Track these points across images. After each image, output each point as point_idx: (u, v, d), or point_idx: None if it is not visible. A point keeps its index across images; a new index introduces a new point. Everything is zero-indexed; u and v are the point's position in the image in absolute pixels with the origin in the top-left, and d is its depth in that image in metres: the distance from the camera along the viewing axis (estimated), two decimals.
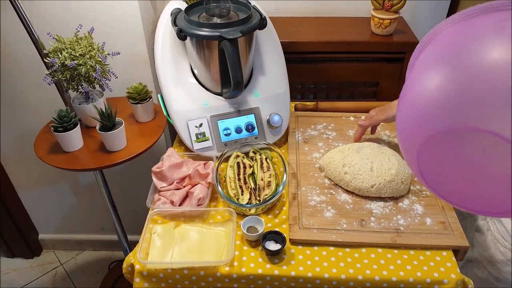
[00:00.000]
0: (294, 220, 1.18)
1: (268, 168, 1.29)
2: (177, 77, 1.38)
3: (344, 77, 1.78)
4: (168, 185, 1.27)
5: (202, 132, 1.38)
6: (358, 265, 1.08)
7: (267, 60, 1.45)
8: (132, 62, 1.61)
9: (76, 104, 1.41)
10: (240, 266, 1.08)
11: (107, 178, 1.64)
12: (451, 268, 1.07)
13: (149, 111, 1.50)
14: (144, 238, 1.14)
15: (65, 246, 2.42)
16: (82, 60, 1.28)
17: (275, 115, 1.41)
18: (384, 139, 1.48)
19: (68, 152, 1.38)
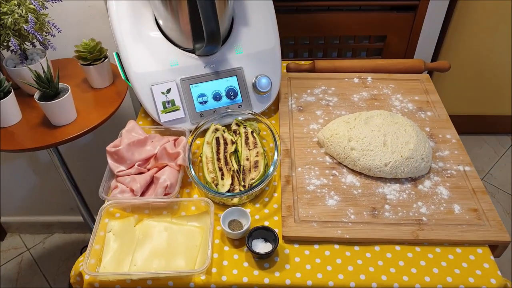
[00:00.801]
0: (289, 210, 1.04)
1: (255, 145, 1.16)
2: (137, 30, 1.21)
3: (345, 30, 1.67)
4: (128, 168, 1.11)
5: (170, 100, 1.21)
6: (371, 269, 0.94)
7: (252, 7, 1.29)
8: (85, 15, 1.43)
9: (10, 67, 1.23)
10: (220, 273, 0.94)
11: (66, 155, 1.50)
12: (489, 270, 0.93)
13: (105, 75, 1.33)
14: (96, 237, 0.99)
15: (32, 229, 2.31)
16: (7, 8, 1.06)
17: (263, 77, 1.26)
18: (395, 104, 1.33)
19: (2, 127, 1.21)
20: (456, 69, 2.27)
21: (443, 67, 1.44)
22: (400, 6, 1.59)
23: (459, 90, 2.40)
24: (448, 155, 1.15)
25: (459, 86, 2.37)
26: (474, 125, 2.62)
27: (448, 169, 1.13)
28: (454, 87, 2.38)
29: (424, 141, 1.12)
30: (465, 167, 1.12)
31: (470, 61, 2.23)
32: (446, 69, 1.44)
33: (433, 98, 1.34)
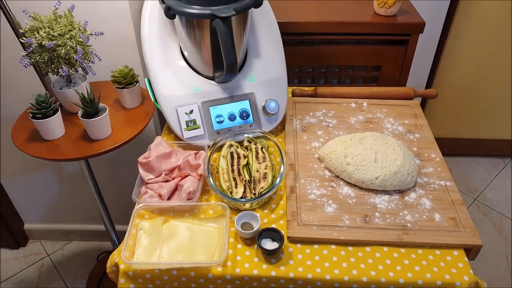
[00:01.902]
0: (293, 215, 1.12)
1: (264, 159, 1.23)
2: (166, 59, 1.31)
3: (344, 60, 1.72)
4: (156, 177, 1.20)
5: (192, 119, 1.30)
6: (362, 266, 1.03)
7: (263, 41, 1.38)
8: (118, 43, 1.52)
9: (56, 89, 1.33)
10: (234, 266, 1.02)
11: (93, 166, 1.58)
12: (463, 269, 1.02)
13: (135, 97, 1.42)
14: (130, 235, 1.07)
15: (52, 236, 2.36)
16: (62, 41, 1.18)
17: (272, 101, 1.35)
18: (387, 127, 1.41)
19: (48, 140, 1.30)
20: (450, 94, 2.34)
21: (431, 95, 1.53)
22: (393, 40, 1.64)
23: (453, 114, 2.41)
24: (432, 172, 1.23)
25: (454, 110, 2.40)
26: (468, 148, 2.62)
27: (432, 183, 1.20)
28: (448, 111, 2.41)
29: (410, 158, 1.20)
30: (446, 182, 1.20)
31: (463, 86, 2.26)
32: (433, 97, 1.52)
33: (421, 122, 1.41)
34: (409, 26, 1.61)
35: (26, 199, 2.17)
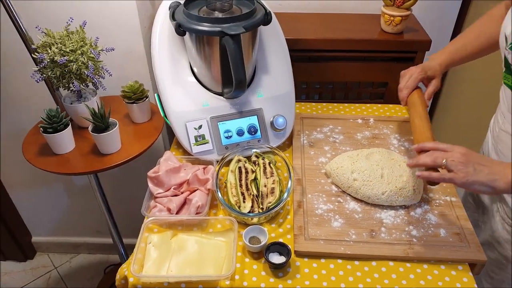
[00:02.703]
0: (300, 230, 1.12)
1: (272, 174, 1.24)
2: (175, 75, 1.32)
3: (351, 77, 1.74)
4: (165, 191, 1.21)
5: (201, 134, 1.31)
6: (368, 280, 1.03)
7: (271, 58, 1.40)
8: (128, 59, 1.55)
9: (67, 103, 1.35)
10: (242, 279, 1.03)
11: (102, 180, 1.59)
12: (467, 284, 1.02)
13: (145, 112, 1.44)
14: (139, 248, 1.08)
15: (60, 249, 2.37)
16: (73, 56, 1.21)
17: (279, 117, 1.36)
18: (394, 143, 1.42)
19: (59, 154, 1.32)
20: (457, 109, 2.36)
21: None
22: (400, 57, 1.66)
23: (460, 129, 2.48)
24: (437, 187, 1.23)
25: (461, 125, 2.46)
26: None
27: (437, 199, 1.20)
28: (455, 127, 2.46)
29: (415, 175, 1.20)
30: (451, 197, 1.20)
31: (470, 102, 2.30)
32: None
33: None
34: (416, 44, 1.62)
35: (34, 212, 2.18)
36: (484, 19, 1.26)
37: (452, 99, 2.33)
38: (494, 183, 0.94)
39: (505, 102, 1.10)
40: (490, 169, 0.95)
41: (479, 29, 1.26)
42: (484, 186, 0.95)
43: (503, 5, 1.22)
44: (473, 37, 1.26)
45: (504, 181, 0.93)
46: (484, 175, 0.94)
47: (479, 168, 0.95)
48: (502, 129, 1.14)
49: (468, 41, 1.27)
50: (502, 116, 1.13)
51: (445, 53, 1.30)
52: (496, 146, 1.18)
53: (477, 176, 0.94)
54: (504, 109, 1.11)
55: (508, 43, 0.99)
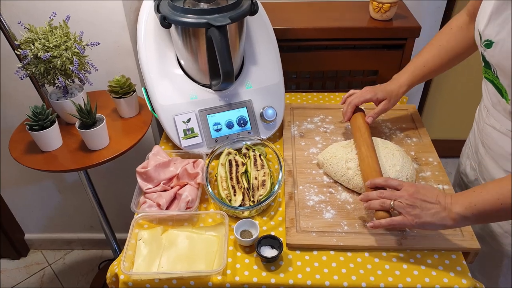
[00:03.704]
0: (291, 222, 1.12)
1: (262, 166, 1.23)
2: (162, 68, 1.31)
3: (341, 65, 1.73)
4: (154, 186, 1.20)
5: (190, 127, 1.30)
6: (361, 271, 1.03)
7: (259, 48, 1.39)
8: (114, 53, 1.52)
9: (53, 100, 1.33)
10: (234, 274, 1.03)
11: (92, 175, 1.58)
12: (461, 272, 1.02)
13: (133, 106, 1.42)
14: (129, 245, 1.08)
15: (53, 245, 2.36)
16: (57, 52, 1.19)
17: (269, 108, 1.35)
18: (385, 131, 1.42)
19: (46, 151, 1.31)
20: (448, 96, 2.36)
21: None
22: (390, 45, 1.66)
23: (454, 115, 2.46)
24: (430, 176, 1.24)
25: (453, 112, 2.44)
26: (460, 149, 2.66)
27: None
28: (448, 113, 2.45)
29: (409, 163, 1.20)
30: (444, 185, 1.20)
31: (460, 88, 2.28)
32: None
33: (418, 125, 1.41)
34: (405, 30, 1.62)
35: (26, 209, 2.16)
36: (443, 32, 1.25)
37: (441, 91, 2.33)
38: (442, 222, 0.95)
39: (488, 96, 1.09)
40: (437, 207, 0.95)
41: (438, 44, 1.24)
42: (434, 225, 0.96)
43: (464, 13, 1.21)
44: (433, 54, 1.25)
45: (451, 217, 0.94)
46: (431, 216, 0.95)
47: (426, 207, 0.96)
48: (487, 123, 1.13)
49: (427, 58, 1.26)
50: (486, 109, 1.12)
51: (406, 73, 1.29)
52: (482, 140, 1.17)
53: (425, 218, 0.95)
54: (487, 103, 1.10)
55: (482, 40, 0.98)
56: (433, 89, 2.33)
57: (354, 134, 1.27)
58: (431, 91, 2.34)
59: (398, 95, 1.29)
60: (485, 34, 0.97)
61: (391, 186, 1.02)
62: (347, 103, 1.32)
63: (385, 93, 1.29)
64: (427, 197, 0.96)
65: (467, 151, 1.32)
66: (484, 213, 0.91)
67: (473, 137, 1.26)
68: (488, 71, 1.02)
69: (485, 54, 0.98)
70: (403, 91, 1.29)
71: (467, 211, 0.92)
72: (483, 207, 0.90)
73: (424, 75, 1.27)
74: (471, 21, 1.17)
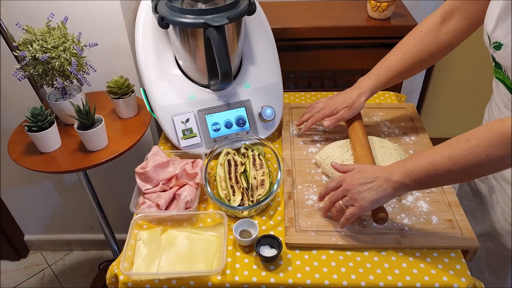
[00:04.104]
0: (290, 221, 1.12)
1: (261, 166, 1.23)
2: (160, 69, 1.31)
3: (339, 64, 1.73)
4: (153, 186, 1.20)
5: (189, 128, 1.30)
6: (360, 270, 1.03)
7: (258, 48, 1.39)
8: (112, 54, 1.52)
9: (52, 101, 1.33)
10: (233, 274, 1.02)
11: (91, 176, 1.58)
12: (461, 270, 1.02)
13: (131, 107, 1.42)
14: (128, 245, 1.08)
15: (53, 246, 2.35)
16: (55, 53, 1.18)
17: (268, 108, 1.35)
18: (384, 130, 1.42)
19: (45, 153, 1.31)
20: (447, 95, 2.36)
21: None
22: (388, 43, 1.64)
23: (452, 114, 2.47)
24: None
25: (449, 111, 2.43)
26: None
27: None
28: (445, 113, 2.45)
29: None
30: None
31: (459, 86, 2.29)
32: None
33: (417, 124, 1.41)
34: (403, 29, 1.60)
35: (25, 211, 2.16)
36: (412, 34, 1.23)
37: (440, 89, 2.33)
38: (385, 193, 0.97)
39: (499, 95, 1.08)
40: (376, 182, 0.98)
41: (405, 48, 1.22)
42: (381, 198, 0.98)
43: (437, 14, 1.18)
44: (398, 58, 1.23)
45: (392, 186, 0.96)
46: (374, 192, 0.98)
47: (367, 188, 0.99)
48: None
49: (392, 63, 1.25)
50: (497, 108, 1.12)
51: (370, 77, 1.28)
52: None
53: (371, 197, 0.98)
54: (499, 102, 1.09)
55: (491, 42, 0.98)
56: (432, 88, 2.33)
57: (350, 135, 1.28)
58: (429, 90, 2.34)
59: (359, 102, 1.29)
60: (494, 36, 0.96)
61: (332, 189, 1.05)
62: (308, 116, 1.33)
63: (345, 102, 1.29)
64: (365, 178, 1.00)
65: None
66: (421, 179, 0.94)
67: None
68: (499, 71, 1.02)
69: (495, 55, 0.98)
70: (364, 99, 1.28)
71: (405, 178, 0.95)
72: (419, 173, 0.94)
73: (388, 80, 1.26)
74: (443, 23, 1.16)
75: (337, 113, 1.30)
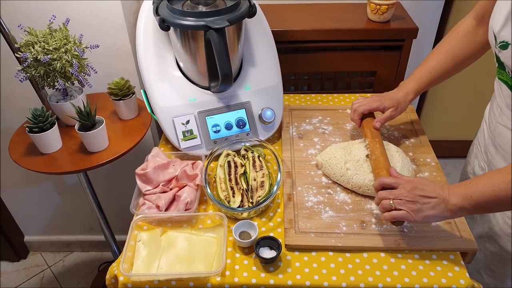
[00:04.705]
0: (290, 223, 1.12)
1: (261, 167, 1.23)
2: (161, 70, 1.31)
3: (339, 67, 1.73)
4: (153, 188, 1.20)
5: (189, 129, 1.30)
6: (359, 272, 1.03)
7: (258, 50, 1.39)
8: (113, 56, 1.53)
9: (53, 102, 1.33)
10: (233, 275, 1.03)
11: (92, 177, 1.58)
12: (459, 272, 1.02)
13: (132, 108, 1.43)
14: (128, 246, 1.08)
15: (53, 247, 2.35)
16: (57, 55, 1.19)
17: (268, 110, 1.35)
18: (383, 132, 1.42)
19: (46, 153, 1.31)
20: (446, 98, 2.37)
21: None
22: (387, 46, 1.66)
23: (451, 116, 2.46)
24: (428, 176, 1.24)
25: (448, 114, 2.44)
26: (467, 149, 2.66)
27: None
28: (444, 115, 2.45)
29: (408, 165, 1.21)
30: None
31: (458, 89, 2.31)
32: None
33: (416, 127, 1.42)
34: (403, 32, 1.62)
35: (25, 212, 2.16)
36: (449, 37, 1.25)
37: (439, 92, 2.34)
38: (442, 214, 0.97)
39: (502, 96, 1.09)
40: (435, 200, 0.97)
41: (445, 50, 1.24)
42: (436, 218, 0.98)
43: (470, 16, 1.20)
44: (439, 59, 1.25)
45: (448, 209, 0.96)
46: (431, 208, 0.97)
47: (426, 202, 0.98)
48: (500, 122, 1.12)
49: (433, 65, 1.26)
50: (499, 109, 1.12)
51: (412, 80, 1.29)
52: (494, 139, 1.16)
53: (426, 212, 0.98)
54: (501, 103, 1.10)
55: (497, 42, 0.99)
56: (431, 90, 2.33)
57: (366, 136, 1.27)
58: (429, 92, 2.34)
59: (405, 102, 1.29)
60: (500, 36, 0.97)
61: (386, 185, 1.04)
62: (353, 110, 1.32)
63: (393, 101, 1.29)
64: (426, 192, 0.99)
65: (475, 151, 1.31)
66: (480, 204, 0.94)
67: (482, 137, 1.26)
68: (502, 72, 1.02)
69: (500, 55, 0.98)
70: (410, 99, 1.29)
71: (464, 202, 0.94)
72: (479, 198, 0.93)
73: (430, 82, 1.27)
74: (478, 24, 1.17)
75: (383, 110, 1.30)
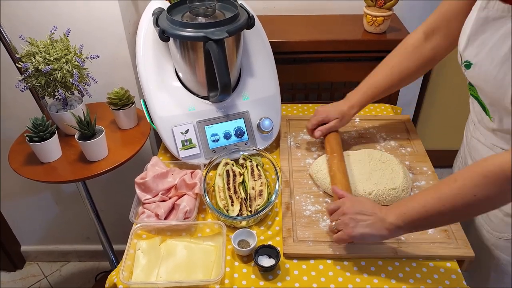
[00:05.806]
0: (288, 232, 1.12)
1: (260, 176, 1.24)
2: (161, 80, 1.32)
3: (336, 77, 1.74)
4: (153, 197, 1.21)
5: (188, 138, 1.31)
6: (357, 280, 1.03)
7: (256, 61, 1.40)
8: (113, 66, 1.54)
9: (53, 112, 1.35)
10: (232, 283, 1.03)
11: (91, 187, 1.59)
12: (456, 280, 1.03)
13: (131, 118, 1.44)
14: (128, 255, 1.08)
15: (49, 257, 2.34)
16: (58, 65, 1.20)
17: (266, 119, 1.37)
18: (380, 142, 1.43)
19: (46, 163, 1.31)
20: (442, 107, 2.38)
21: None
22: (384, 57, 1.54)
23: (445, 126, 2.46)
24: (424, 185, 1.24)
25: (445, 123, 2.45)
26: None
27: None
28: (440, 124, 2.46)
29: (407, 176, 1.22)
30: None
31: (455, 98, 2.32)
32: None
33: (412, 136, 1.43)
34: (398, 43, 1.61)
35: (22, 221, 2.15)
36: (397, 51, 1.26)
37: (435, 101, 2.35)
38: (379, 232, 0.98)
39: (474, 111, 1.11)
40: (372, 218, 0.98)
41: (391, 65, 1.26)
42: (371, 236, 0.99)
43: (420, 31, 1.21)
44: (385, 74, 1.27)
45: (385, 227, 0.97)
46: (367, 226, 0.98)
47: (362, 219, 0.99)
48: (474, 136, 1.14)
49: (378, 79, 1.28)
50: (473, 123, 1.14)
51: (358, 93, 1.32)
52: (470, 152, 1.18)
53: (361, 229, 0.98)
54: (474, 117, 1.12)
55: (462, 61, 1.00)
56: (427, 100, 2.35)
57: (326, 152, 1.30)
58: (425, 101, 2.36)
59: (350, 115, 1.32)
60: (464, 55, 0.98)
61: (331, 211, 1.06)
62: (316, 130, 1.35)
63: (337, 113, 1.32)
64: (363, 210, 1.00)
65: (458, 164, 1.34)
66: (414, 221, 0.94)
67: (463, 150, 1.27)
68: (473, 88, 1.04)
69: (466, 74, 1.00)
70: (354, 112, 1.32)
71: (399, 220, 0.95)
72: (412, 215, 0.94)
73: (375, 96, 1.30)
74: (426, 39, 1.19)
75: (328, 121, 1.32)
